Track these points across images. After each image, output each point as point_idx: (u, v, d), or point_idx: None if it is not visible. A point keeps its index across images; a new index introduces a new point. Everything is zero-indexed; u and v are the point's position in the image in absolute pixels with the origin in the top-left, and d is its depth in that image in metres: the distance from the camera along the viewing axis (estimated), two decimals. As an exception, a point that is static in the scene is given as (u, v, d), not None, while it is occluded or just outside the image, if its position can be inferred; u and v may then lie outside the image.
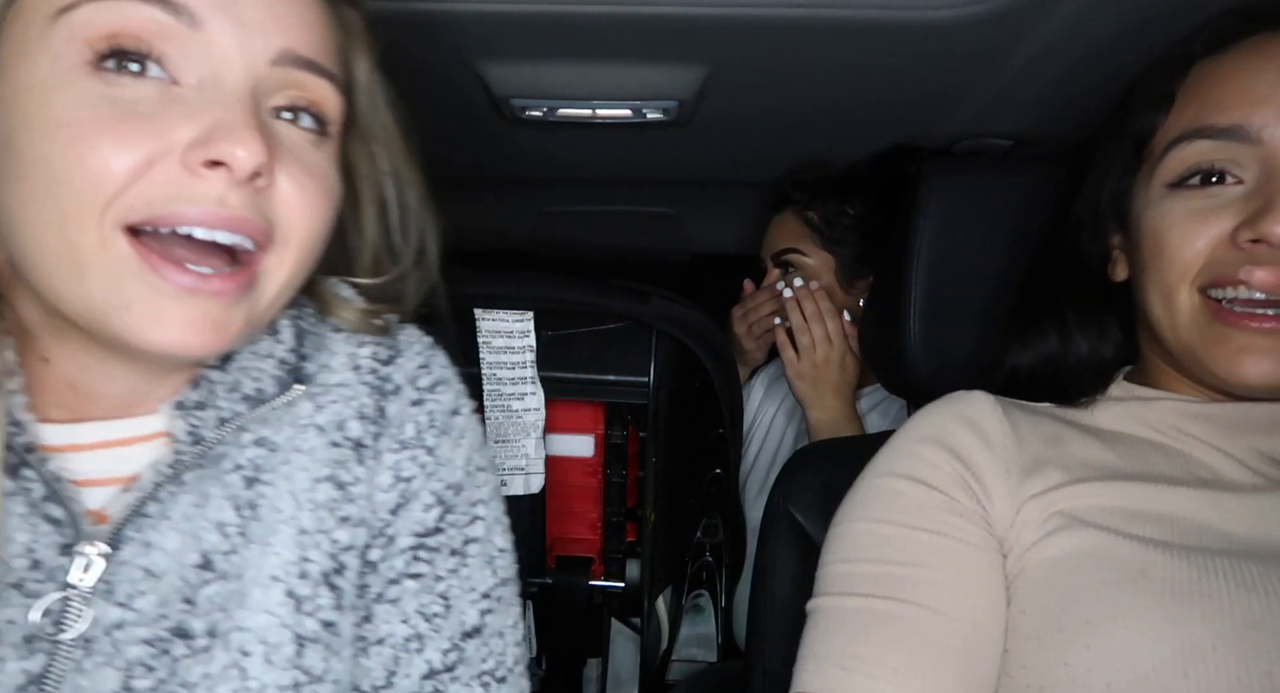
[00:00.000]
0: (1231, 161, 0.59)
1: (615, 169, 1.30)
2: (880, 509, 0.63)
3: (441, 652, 0.56)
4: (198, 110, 0.45)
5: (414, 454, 0.56)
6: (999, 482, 0.62)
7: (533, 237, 1.57)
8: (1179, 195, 0.61)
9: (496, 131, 1.08)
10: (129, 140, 0.44)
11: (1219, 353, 0.60)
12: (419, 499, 0.56)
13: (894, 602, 0.58)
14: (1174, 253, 0.61)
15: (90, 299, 0.45)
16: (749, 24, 0.78)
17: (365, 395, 0.55)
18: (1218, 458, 0.61)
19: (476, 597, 0.58)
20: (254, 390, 0.53)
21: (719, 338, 1.13)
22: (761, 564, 0.82)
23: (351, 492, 0.53)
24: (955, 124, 1.05)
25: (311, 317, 0.58)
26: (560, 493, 1.13)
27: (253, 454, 0.52)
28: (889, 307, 0.87)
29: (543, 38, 0.82)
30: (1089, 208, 0.69)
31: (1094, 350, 0.70)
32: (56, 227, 0.44)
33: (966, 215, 0.84)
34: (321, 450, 0.53)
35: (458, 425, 0.59)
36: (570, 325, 1.06)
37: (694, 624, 1.27)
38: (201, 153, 0.45)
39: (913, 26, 0.77)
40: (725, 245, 1.59)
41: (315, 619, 0.51)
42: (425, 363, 0.59)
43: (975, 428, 0.65)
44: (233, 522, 0.50)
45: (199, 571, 0.49)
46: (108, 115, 0.44)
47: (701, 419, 1.22)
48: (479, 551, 0.58)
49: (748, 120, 1.06)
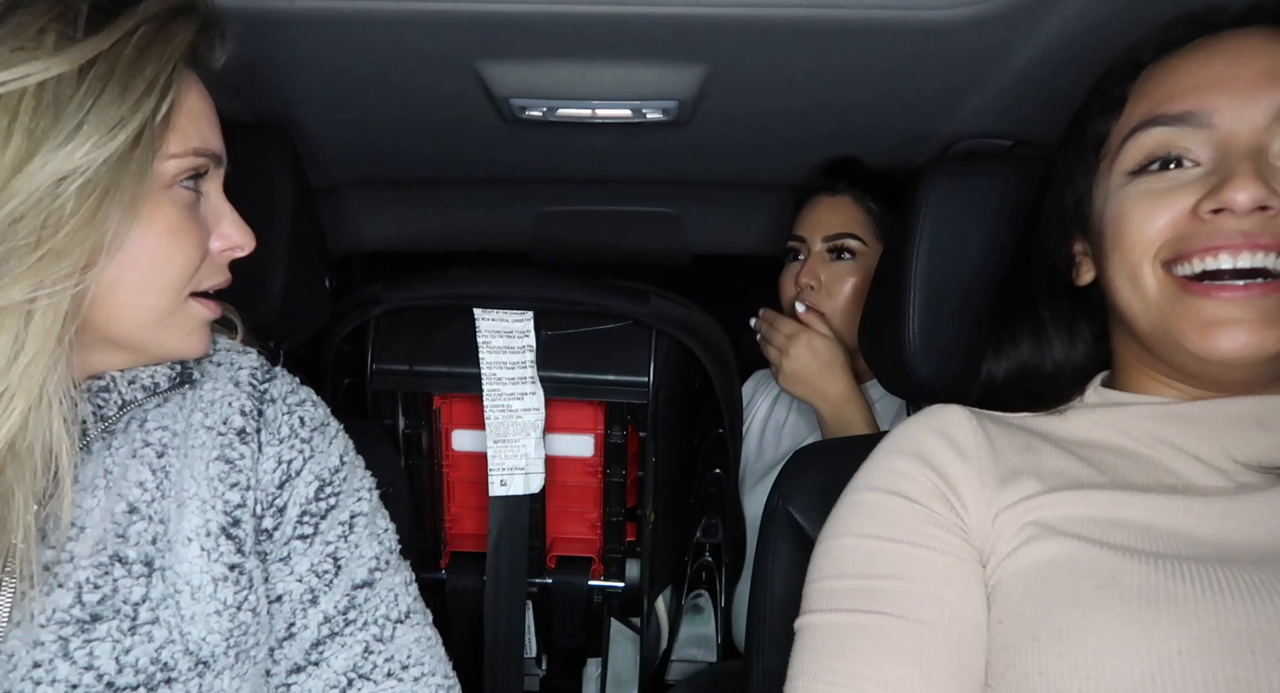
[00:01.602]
0: (1186, 148, 0.60)
1: (615, 169, 1.30)
2: (861, 524, 0.64)
3: (334, 602, 0.67)
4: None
5: (292, 444, 0.68)
6: (974, 493, 0.63)
7: (532, 237, 1.57)
8: (1138, 181, 0.62)
9: (496, 131, 1.08)
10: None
11: (1189, 328, 0.59)
12: (302, 477, 0.68)
13: (880, 616, 0.59)
14: (1136, 231, 0.62)
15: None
16: (749, 24, 0.78)
17: (244, 399, 0.67)
18: (1188, 464, 0.61)
19: (365, 559, 0.69)
20: (150, 384, 0.64)
21: (719, 338, 1.13)
22: (761, 565, 0.82)
23: (238, 465, 0.65)
24: (955, 124, 1.05)
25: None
26: (560, 493, 1.13)
27: (159, 435, 0.64)
28: (888, 306, 0.87)
29: (542, 38, 0.82)
30: (1053, 214, 0.71)
31: (1067, 355, 0.71)
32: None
33: (966, 215, 0.84)
34: (211, 442, 0.65)
35: (329, 431, 0.71)
36: (570, 325, 1.06)
37: (694, 624, 1.27)
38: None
39: (913, 26, 0.77)
40: (725, 245, 1.59)
41: (222, 563, 0.63)
42: (294, 389, 0.71)
43: (950, 441, 0.66)
44: (150, 480, 0.63)
45: (127, 514, 0.61)
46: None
47: (701, 419, 1.22)
48: (365, 524, 0.70)
49: (748, 120, 1.06)
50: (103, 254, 0.55)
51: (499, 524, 1.07)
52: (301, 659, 0.67)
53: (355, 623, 0.67)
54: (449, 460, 1.13)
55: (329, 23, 0.80)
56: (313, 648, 0.66)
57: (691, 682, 1.21)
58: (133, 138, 0.54)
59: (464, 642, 1.14)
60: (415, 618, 0.70)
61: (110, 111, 0.53)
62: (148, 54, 0.56)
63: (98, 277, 0.56)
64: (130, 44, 0.55)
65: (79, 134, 0.53)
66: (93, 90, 0.53)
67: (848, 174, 1.23)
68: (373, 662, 0.67)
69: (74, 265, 0.53)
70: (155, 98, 0.56)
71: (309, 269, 0.94)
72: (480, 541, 1.11)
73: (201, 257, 0.62)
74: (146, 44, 0.56)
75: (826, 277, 1.22)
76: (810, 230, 1.25)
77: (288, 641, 0.67)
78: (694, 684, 1.20)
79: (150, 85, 0.55)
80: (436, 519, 1.14)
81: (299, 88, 0.97)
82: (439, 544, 1.15)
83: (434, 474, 1.12)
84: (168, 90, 0.57)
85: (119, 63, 0.54)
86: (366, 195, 1.44)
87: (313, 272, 0.97)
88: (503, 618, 1.10)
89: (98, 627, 0.58)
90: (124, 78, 0.54)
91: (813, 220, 1.25)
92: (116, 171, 0.54)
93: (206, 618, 0.62)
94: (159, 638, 0.60)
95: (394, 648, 0.68)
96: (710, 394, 1.15)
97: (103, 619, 0.58)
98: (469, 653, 1.13)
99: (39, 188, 0.52)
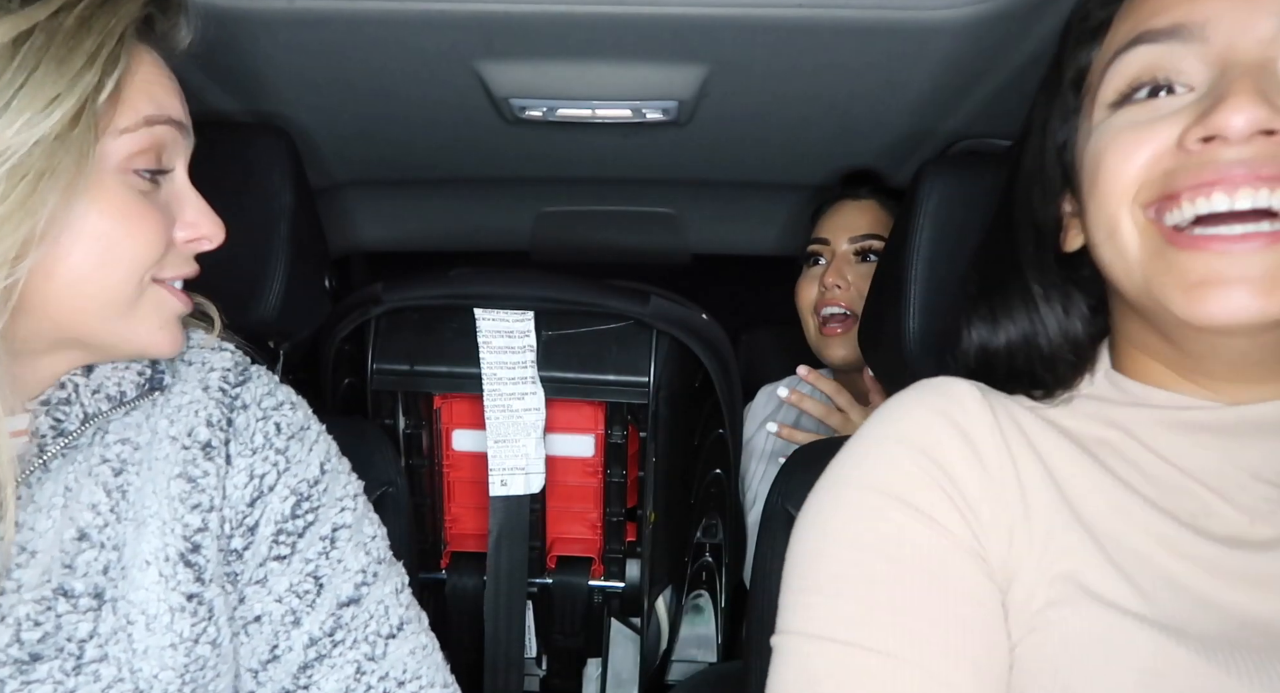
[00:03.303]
0: (1177, 69, 0.50)
1: (615, 169, 1.30)
2: (857, 531, 0.53)
3: (319, 623, 0.62)
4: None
5: (265, 456, 0.63)
6: (995, 516, 0.52)
7: (532, 237, 1.57)
8: (1120, 113, 0.52)
9: (496, 131, 1.08)
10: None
11: (1174, 288, 0.48)
12: (276, 492, 0.62)
13: (884, 657, 0.48)
14: (1112, 171, 0.51)
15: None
16: (749, 24, 0.78)
17: (213, 408, 0.62)
18: (1215, 502, 0.51)
19: (351, 574, 0.64)
20: (116, 393, 0.59)
21: (719, 338, 1.13)
22: (760, 565, 0.82)
23: (201, 484, 0.60)
24: (955, 124, 1.05)
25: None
26: (560, 493, 1.13)
27: (118, 450, 0.59)
28: (888, 306, 0.87)
29: (542, 38, 0.82)
30: (1034, 168, 0.60)
31: (1063, 327, 0.59)
32: None
33: (966, 215, 0.84)
34: (174, 455, 0.60)
35: (309, 437, 0.66)
36: (570, 325, 1.06)
37: (694, 624, 1.27)
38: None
39: (913, 27, 0.77)
40: (725, 245, 1.59)
41: (179, 593, 0.58)
42: (271, 390, 0.66)
43: (963, 435, 0.54)
44: (104, 502, 0.57)
45: (76, 542, 0.56)
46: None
47: (701, 419, 1.22)
48: (349, 536, 0.65)
49: (747, 120, 1.06)
50: (35, 243, 0.50)
51: (499, 524, 1.07)
52: (290, 684, 0.62)
53: (344, 644, 0.63)
54: (449, 460, 1.13)
55: (329, 23, 0.80)
56: (300, 672, 0.62)
57: (691, 682, 1.21)
58: (71, 115, 0.50)
59: (464, 642, 1.14)
60: (409, 628, 0.66)
61: (45, 87, 0.49)
62: (89, 26, 0.51)
63: (37, 267, 0.51)
64: (71, 15, 0.51)
65: (8, 111, 0.48)
66: (26, 64, 0.49)
67: (871, 180, 1.25)
68: (366, 683, 0.63)
69: (4, 255, 0.49)
70: (96, 72, 0.51)
71: (309, 269, 0.94)
72: (480, 540, 1.11)
73: (163, 245, 0.56)
74: (89, 15, 0.51)
75: (853, 277, 1.23)
76: (835, 232, 1.25)
77: (272, 663, 0.62)
78: (694, 684, 1.20)
79: (91, 58, 0.51)
80: (436, 519, 1.14)
81: (299, 88, 0.96)
82: (439, 544, 1.15)
83: (434, 474, 1.12)
84: (113, 65, 0.52)
85: (57, 34, 0.50)
86: (366, 195, 1.44)
87: (313, 272, 0.96)
88: (503, 618, 1.10)
89: (37, 668, 0.53)
90: (61, 52, 0.50)
91: (837, 223, 1.26)
92: (53, 152, 0.49)
93: (160, 652, 0.57)
94: (106, 677, 0.55)
95: (387, 665, 0.64)
96: (710, 394, 1.15)
97: (43, 659, 0.54)
98: (469, 653, 1.13)
99: None
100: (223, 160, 0.62)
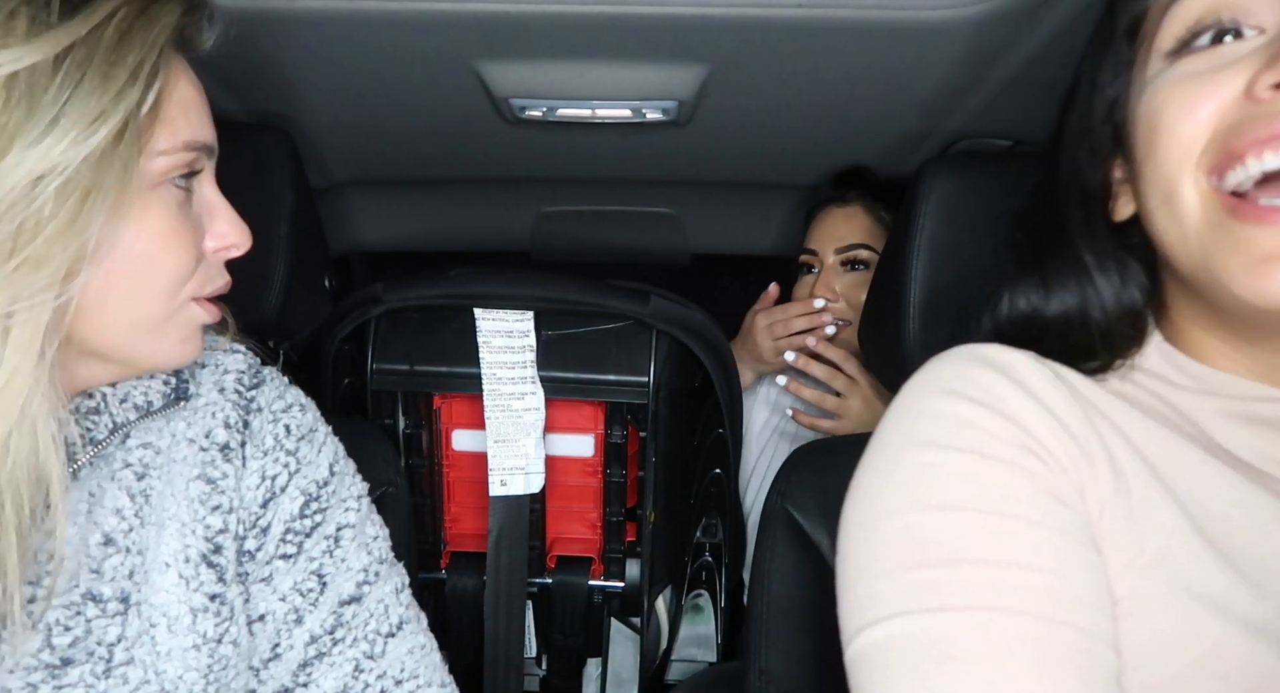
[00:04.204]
0: (1244, 8, 0.44)
1: (615, 169, 1.30)
2: (925, 493, 0.46)
3: (321, 621, 0.63)
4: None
5: (277, 457, 0.64)
6: (1074, 463, 0.46)
7: (532, 237, 1.57)
8: (1180, 63, 0.46)
9: (496, 131, 1.08)
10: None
11: (1235, 265, 0.43)
12: (287, 493, 0.63)
13: (993, 612, 0.42)
14: (1170, 129, 0.45)
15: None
16: (749, 24, 0.78)
17: (230, 409, 0.63)
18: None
19: (353, 573, 0.65)
20: (143, 403, 0.60)
21: (719, 338, 1.13)
22: (760, 565, 0.82)
23: (220, 485, 0.61)
24: (955, 124, 1.05)
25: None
26: (560, 493, 1.13)
27: (140, 454, 0.59)
28: (888, 307, 0.87)
29: (542, 37, 0.82)
30: (1082, 129, 0.54)
31: (1119, 297, 0.54)
32: None
33: (966, 215, 0.84)
34: (193, 457, 0.61)
35: (318, 438, 0.67)
36: (570, 325, 1.06)
37: (694, 624, 1.27)
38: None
39: (913, 27, 0.77)
40: (725, 245, 1.59)
41: (201, 593, 0.59)
42: (282, 393, 0.67)
43: (1019, 383, 0.48)
44: (128, 507, 0.58)
45: (103, 547, 0.57)
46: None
47: (701, 419, 1.22)
48: (352, 535, 0.66)
49: (748, 120, 1.06)
50: (85, 261, 0.50)
51: (499, 524, 1.07)
52: (289, 681, 0.63)
53: (344, 641, 0.64)
54: (449, 460, 1.13)
55: (329, 23, 0.80)
56: (300, 669, 0.63)
57: (691, 682, 1.21)
58: (116, 132, 0.49)
59: (464, 642, 1.14)
60: (408, 628, 0.67)
61: (90, 103, 0.48)
62: (130, 39, 0.50)
63: (82, 286, 0.50)
64: (110, 28, 0.49)
65: (56, 129, 0.47)
66: (70, 80, 0.48)
67: (858, 184, 1.25)
68: (364, 681, 0.64)
69: (55, 274, 0.48)
70: (140, 87, 0.50)
71: (309, 269, 0.94)
72: (480, 540, 1.11)
73: (196, 259, 0.57)
74: (128, 28, 0.50)
75: (842, 288, 1.24)
76: (822, 243, 1.26)
77: (273, 662, 0.63)
78: (694, 684, 1.20)
79: (134, 73, 0.50)
80: (436, 519, 1.14)
81: (299, 88, 0.97)
82: (439, 544, 1.15)
83: (434, 474, 1.12)
84: (154, 78, 0.51)
85: (98, 49, 0.49)
86: (366, 195, 1.44)
87: (313, 272, 0.97)
88: (503, 618, 1.10)
89: (69, 672, 0.54)
90: (104, 66, 0.49)
91: (824, 233, 1.27)
92: (99, 169, 0.49)
93: (184, 653, 0.57)
94: (134, 679, 0.56)
95: (386, 663, 0.64)
96: (710, 394, 1.15)
97: (75, 663, 0.54)
98: (469, 653, 1.13)
99: (14, 189, 0.47)
100: (223, 160, 0.62)
